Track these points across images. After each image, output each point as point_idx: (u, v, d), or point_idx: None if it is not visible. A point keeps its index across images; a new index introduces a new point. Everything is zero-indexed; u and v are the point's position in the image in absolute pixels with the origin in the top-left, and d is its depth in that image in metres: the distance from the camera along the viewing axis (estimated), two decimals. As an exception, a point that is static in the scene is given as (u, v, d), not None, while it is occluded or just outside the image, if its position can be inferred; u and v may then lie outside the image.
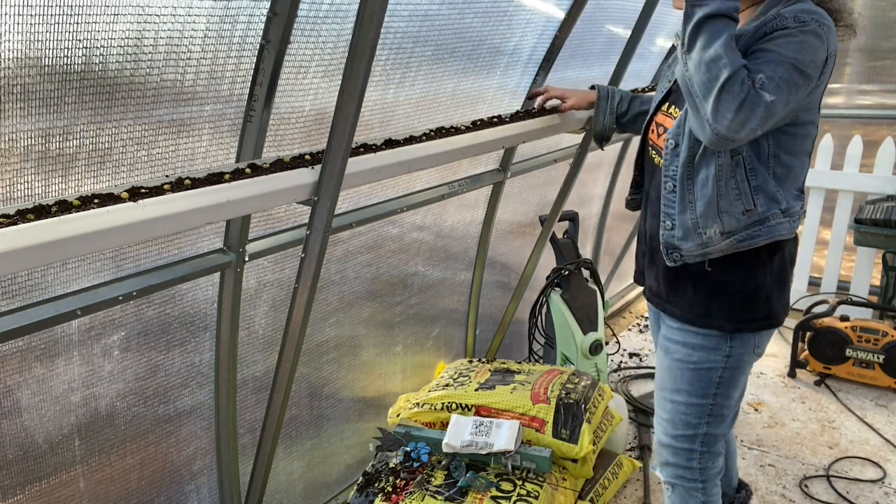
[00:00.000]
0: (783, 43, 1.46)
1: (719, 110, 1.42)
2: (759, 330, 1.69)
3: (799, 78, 1.45)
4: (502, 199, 2.93)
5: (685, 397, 1.74)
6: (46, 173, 1.33)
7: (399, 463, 2.31)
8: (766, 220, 1.59)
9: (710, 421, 1.74)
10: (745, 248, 1.60)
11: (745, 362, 1.72)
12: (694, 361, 1.71)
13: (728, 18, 1.45)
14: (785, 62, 1.44)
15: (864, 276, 4.07)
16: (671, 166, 1.64)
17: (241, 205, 1.45)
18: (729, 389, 1.72)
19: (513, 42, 2.42)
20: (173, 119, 1.51)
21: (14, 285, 1.38)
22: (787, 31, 1.47)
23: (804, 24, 1.46)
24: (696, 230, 1.61)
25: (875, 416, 3.18)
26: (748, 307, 1.66)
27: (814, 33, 1.46)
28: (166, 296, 1.72)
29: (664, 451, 1.83)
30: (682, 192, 1.62)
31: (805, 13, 1.48)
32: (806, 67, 1.45)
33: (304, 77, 1.73)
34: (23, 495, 1.54)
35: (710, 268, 1.65)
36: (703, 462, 1.79)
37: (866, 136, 4.17)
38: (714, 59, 1.42)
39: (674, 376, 1.75)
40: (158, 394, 1.79)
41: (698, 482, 1.81)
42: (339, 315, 2.32)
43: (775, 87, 1.43)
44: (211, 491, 2.04)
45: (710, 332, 1.68)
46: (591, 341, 3.03)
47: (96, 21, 1.26)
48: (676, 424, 1.77)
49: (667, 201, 1.66)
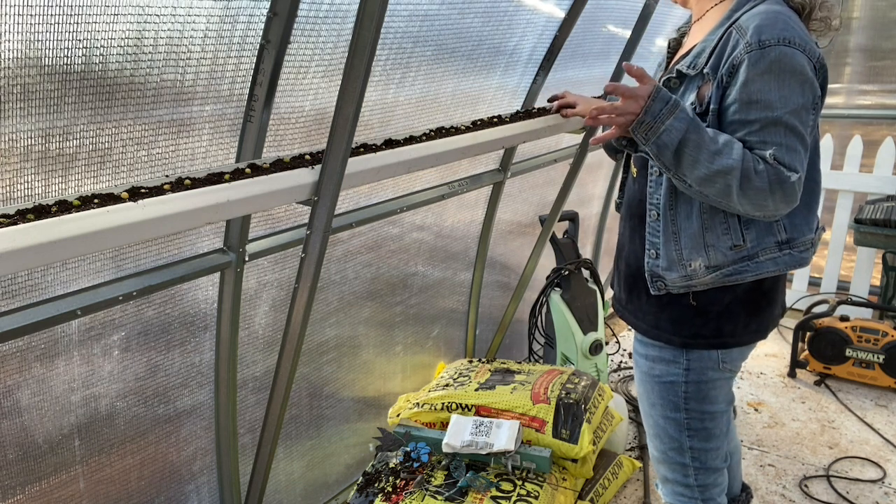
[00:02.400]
0: (763, 89, 1.36)
1: (756, 205, 1.37)
2: (709, 348, 1.57)
3: (801, 127, 1.37)
4: (502, 199, 2.93)
5: (660, 411, 1.66)
6: (46, 173, 1.33)
7: (399, 463, 2.31)
8: (756, 256, 1.50)
9: (692, 435, 1.64)
10: (732, 282, 1.52)
11: (709, 377, 1.60)
12: (657, 375, 1.63)
13: (689, 123, 1.37)
14: (779, 122, 1.36)
15: (864, 276, 4.07)
16: (655, 194, 1.54)
17: (241, 205, 1.45)
18: (700, 404, 1.61)
19: (513, 42, 2.42)
20: (173, 119, 1.51)
21: (14, 285, 1.38)
22: (757, 69, 1.36)
23: (766, 53, 1.35)
24: (681, 262, 1.52)
25: (875, 416, 3.18)
26: (697, 322, 1.56)
27: (784, 58, 1.35)
28: (166, 296, 1.72)
29: (661, 467, 1.75)
30: (666, 222, 1.53)
31: (766, 28, 1.37)
32: (800, 115, 1.37)
33: (304, 77, 1.73)
34: (23, 495, 1.54)
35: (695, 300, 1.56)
36: (701, 479, 1.69)
37: (866, 136, 4.17)
38: (712, 175, 1.36)
39: (646, 389, 1.69)
40: (158, 394, 1.79)
41: (699, 501, 1.71)
42: (339, 315, 2.32)
43: (787, 153, 1.36)
44: (211, 491, 2.04)
45: (664, 345, 1.61)
46: (591, 341, 3.03)
47: (96, 21, 1.26)
48: (662, 438, 1.70)
49: (651, 230, 1.56)
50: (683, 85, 1.52)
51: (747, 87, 1.37)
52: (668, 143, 1.38)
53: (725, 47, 1.43)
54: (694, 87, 1.48)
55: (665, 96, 1.40)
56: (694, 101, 1.47)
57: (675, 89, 1.53)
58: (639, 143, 1.44)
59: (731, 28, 1.44)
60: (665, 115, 1.38)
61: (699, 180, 1.39)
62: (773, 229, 1.51)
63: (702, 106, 1.45)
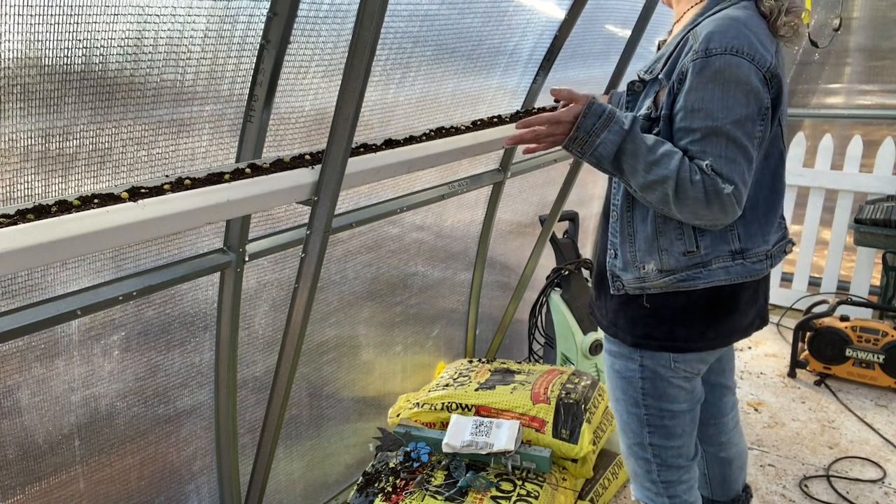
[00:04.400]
0: (705, 98, 1.35)
1: (695, 214, 1.38)
2: (661, 350, 1.57)
3: (743, 139, 1.36)
4: (502, 199, 2.93)
5: (623, 406, 1.68)
6: (46, 173, 1.33)
7: (399, 463, 2.31)
8: (709, 264, 1.50)
9: (653, 431, 1.65)
10: (685, 287, 1.52)
11: (662, 376, 1.59)
12: (618, 370, 1.65)
13: (624, 135, 1.39)
14: (720, 132, 1.34)
15: (864, 276, 4.07)
16: (616, 196, 1.57)
17: (241, 205, 1.45)
18: (658, 401, 1.61)
19: (513, 42, 2.42)
20: (173, 119, 1.51)
21: (14, 285, 1.38)
22: (702, 78, 1.35)
23: (711, 62, 1.34)
24: (635, 263, 1.54)
25: (875, 416, 3.18)
26: (650, 323, 1.57)
27: (729, 67, 1.34)
28: (166, 296, 1.72)
29: (628, 461, 1.77)
30: (623, 223, 1.55)
31: (716, 36, 1.36)
32: (744, 126, 1.35)
33: (304, 77, 1.73)
34: (23, 495, 1.54)
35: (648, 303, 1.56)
36: (663, 476, 1.69)
37: (866, 136, 4.17)
38: (650, 183, 1.38)
39: (611, 384, 1.70)
40: (158, 394, 1.79)
41: (664, 497, 1.71)
42: (339, 315, 2.32)
43: (726, 164, 1.35)
44: (211, 491, 2.04)
45: (620, 342, 1.63)
46: (591, 341, 3.03)
47: (96, 21, 1.26)
48: (626, 432, 1.71)
49: (612, 230, 1.59)
50: (645, 89, 1.53)
51: (691, 95, 1.37)
52: (605, 155, 1.42)
53: (681, 53, 1.44)
54: (652, 92, 1.49)
55: (597, 110, 1.42)
56: (650, 106, 1.48)
57: (638, 93, 1.54)
58: (575, 157, 1.48)
59: (688, 33, 1.44)
60: (599, 129, 1.41)
61: (640, 187, 1.42)
62: (727, 238, 1.51)
63: (657, 110, 1.46)
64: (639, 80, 1.53)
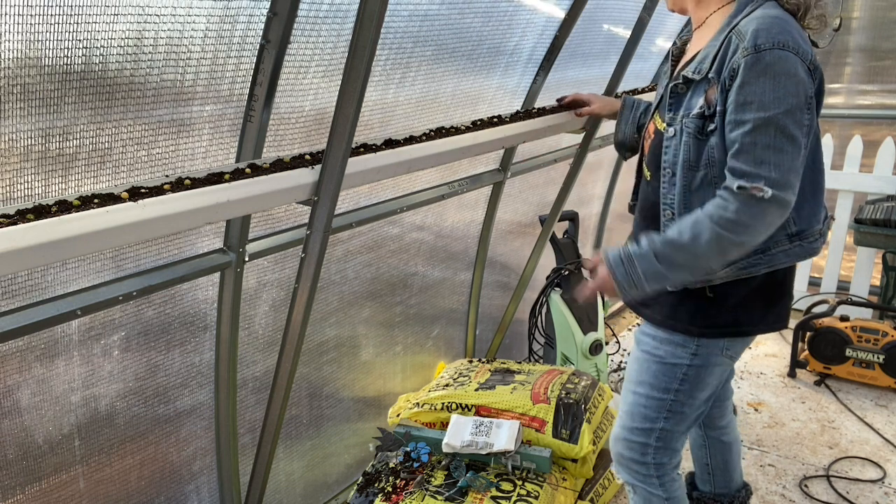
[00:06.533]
0: (758, 91, 1.41)
1: (764, 227, 1.44)
2: (724, 336, 1.65)
3: (792, 128, 1.41)
4: (502, 199, 2.93)
5: (647, 389, 1.72)
6: (46, 173, 1.33)
7: (399, 463, 2.31)
8: (768, 250, 1.57)
9: (669, 417, 1.71)
10: (746, 275, 1.58)
11: (712, 363, 1.68)
12: (660, 355, 1.69)
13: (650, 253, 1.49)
14: (770, 122, 1.40)
15: (864, 276, 4.07)
16: (669, 194, 1.61)
17: (241, 205, 1.45)
18: (693, 389, 1.69)
19: (513, 42, 2.42)
20: (173, 119, 1.51)
21: (14, 285, 1.38)
22: (754, 72, 1.41)
23: (762, 56, 1.41)
24: None
25: (875, 416, 3.18)
26: (712, 313, 1.63)
27: (779, 61, 1.41)
28: (166, 296, 1.72)
29: (617, 445, 1.81)
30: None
31: (762, 33, 1.43)
32: (794, 115, 1.41)
33: (304, 77, 1.73)
34: (23, 495, 1.54)
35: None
36: (658, 457, 1.76)
37: (866, 136, 4.17)
38: (703, 258, 1.46)
39: (640, 368, 1.74)
40: (158, 394, 1.79)
41: (654, 478, 1.78)
42: (339, 315, 2.32)
43: (774, 154, 1.41)
44: (211, 491, 2.04)
45: (677, 333, 1.67)
46: (591, 341, 3.03)
47: (96, 21, 1.26)
48: (634, 417, 1.75)
49: (666, 229, 1.62)
50: (690, 90, 1.58)
51: (744, 90, 1.43)
52: (654, 277, 1.51)
53: (727, 52, 1.49)
54: (701, 92, 1.54)
55: (616, 260, 1.53)
56: (703, 105, 1.53)
57: (683, 94, 1.59)
58: (639, 296, 1.58)
59: (731, 33, 1.50)
60: (633, 271, 1.51)
61: (704, 268, 1.51)
62: (784, 223, 1.56)
63: (710, 108, 1.52)
64: (683, 81, 1.58)
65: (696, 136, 1.53)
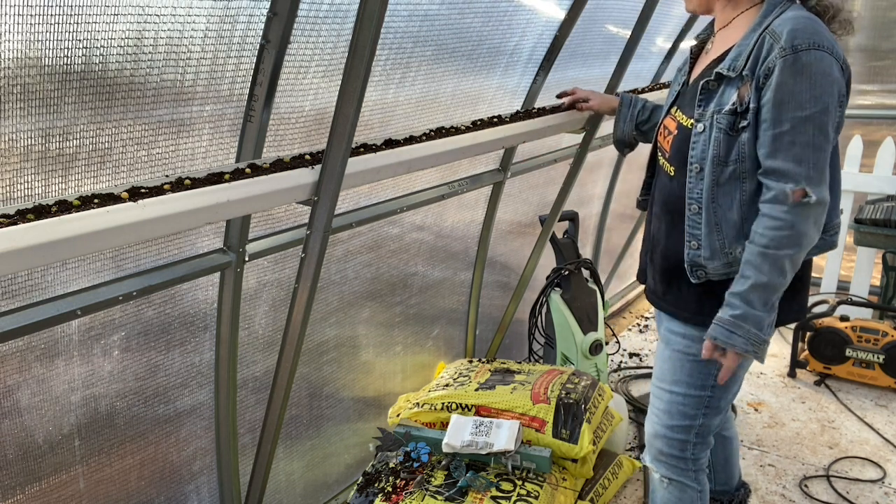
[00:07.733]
0: (795, 90, 1.46)
1: (814, 228, 1.51)
2: None
3: (829, 125, 1.47)
4: (502, 199, 2.93)
5: (684, 388, 1.75)
6: (46, 173, 1.33)
7: (399, 463, 2.31)
8: None
9: (707, 412, 1.76)
10: None
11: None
12: (693, 353, 1.71)
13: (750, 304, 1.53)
14: (809, 121, 1.45)
15: (864, 276, 4.07)
16: (695, 189, 1.64)
17: (241, 205, 1.45)
18: (728, 382, 1.72)
19: (513, 42, 2.42)
20: (173, 119, 1.51)
21: (14, 285, 1.38)
22: (791, 72, 1.46)
23: (799, 57, 1.46)
24: (724, 251, 1.62)
25: (875, 416, 3.18)
26: None
27: (816, 61, 1.46)
28: (166, 296, 1.72)
29: (657, 442, 1.85)
30: (708, 214, 1.63)
31: (799, 33, 1.47)
32: (829, 113, 1.46)
33: (304, 77, 1.73)
34: (23, 495, 1.54)
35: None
36: (697, 452, 1.82)
37: (866, 136, 4.17)
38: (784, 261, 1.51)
39: (673, 367, 1.77)
40: (158, 394, 1.79)
41: (691, 471, 1.83)
42: (339, 315, 2.32)
43: (813, 153, 1.46)
44: (211, 491, 2.04)
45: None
46: (591, 341, 3.03)
47: (96, 21, 1.26)
48: (673, 415, 1.79)
49: (692, 222, 1.66)
50: (722, 86, 1.61)
51: (781, 89, 1.47)
52: (764, 321, 1.55)
53: (761, 51, 1.52)
54: (733, 88, 1.58)
55: (726, 336, 1.55)
56: (735, 101, 1.56)
57: (713, 91, 1.62)
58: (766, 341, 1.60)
59: (764, 33, 1.53)
60: (747, 333, 1.54)
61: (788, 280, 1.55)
62: None
63: (742, 105, 1.55)
64: (714, 78, 1.61)
65: (728, 132, 1.56)
